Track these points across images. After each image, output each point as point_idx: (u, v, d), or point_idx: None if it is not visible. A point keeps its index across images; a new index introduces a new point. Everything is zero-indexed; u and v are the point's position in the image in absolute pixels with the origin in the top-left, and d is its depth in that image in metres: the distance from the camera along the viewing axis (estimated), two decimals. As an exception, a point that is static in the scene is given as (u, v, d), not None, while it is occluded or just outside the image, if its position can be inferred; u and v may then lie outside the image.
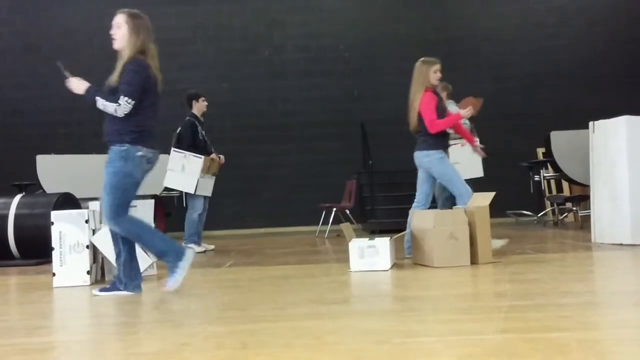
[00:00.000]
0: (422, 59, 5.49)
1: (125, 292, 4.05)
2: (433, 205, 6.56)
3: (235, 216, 11.10)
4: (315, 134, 11.36)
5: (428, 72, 5.39)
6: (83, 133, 10.89)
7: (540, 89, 11.40)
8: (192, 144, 7.24)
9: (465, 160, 7.09)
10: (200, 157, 7.13)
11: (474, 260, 4.82)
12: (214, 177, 7.43)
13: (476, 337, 2.48)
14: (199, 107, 7.49)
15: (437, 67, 5.42)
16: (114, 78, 3.97)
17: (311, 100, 11.35)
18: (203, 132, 7.44)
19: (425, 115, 5.32)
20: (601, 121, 6.39)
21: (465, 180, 5.77)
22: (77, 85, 4.03)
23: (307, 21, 11.63)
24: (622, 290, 3.59)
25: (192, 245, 7.25)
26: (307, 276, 4.68)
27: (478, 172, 7.35)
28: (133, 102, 3.90)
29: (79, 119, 10.98)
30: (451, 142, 7.06)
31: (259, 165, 11.28)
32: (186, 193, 7.32)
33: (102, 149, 10.05)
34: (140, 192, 4.13)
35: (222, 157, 7.49)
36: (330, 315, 3.11)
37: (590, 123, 6.51)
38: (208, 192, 7.33)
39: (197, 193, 7.16)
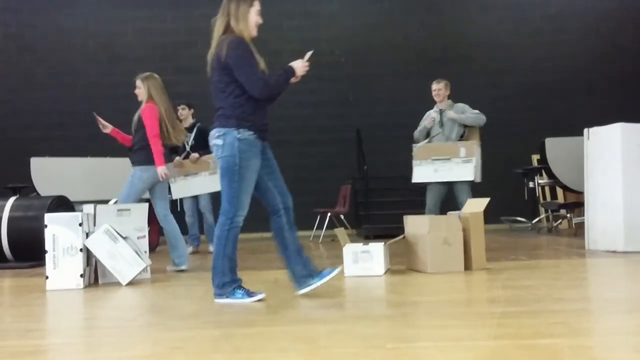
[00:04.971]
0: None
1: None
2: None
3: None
4: (310, 139, 11.36)
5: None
6: (78, 136, 10.85)
7: (535, 96, 11.43)
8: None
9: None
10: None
11: (467, 266, 4.83)
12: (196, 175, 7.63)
13: (469, 343, 2.49)
14: None
15: None
16: None
17: (307, 105, 11.34)
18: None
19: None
20: (596, 128, 6.42)
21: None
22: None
23: (303, 26, 11.63)
24: (615, 297, 3.60)
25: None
26: (301, 281, 4.66)
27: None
28: None
29: (73, 122, 10.94)
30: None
31: (253, 169, 11.27)
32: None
33: (96, 152, 10.06)
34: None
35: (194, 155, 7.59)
36: (324, 320, 3.11)
37: (585, 130, 6.53)
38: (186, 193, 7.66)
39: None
